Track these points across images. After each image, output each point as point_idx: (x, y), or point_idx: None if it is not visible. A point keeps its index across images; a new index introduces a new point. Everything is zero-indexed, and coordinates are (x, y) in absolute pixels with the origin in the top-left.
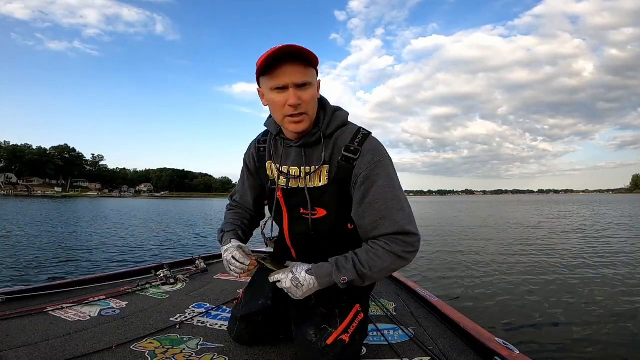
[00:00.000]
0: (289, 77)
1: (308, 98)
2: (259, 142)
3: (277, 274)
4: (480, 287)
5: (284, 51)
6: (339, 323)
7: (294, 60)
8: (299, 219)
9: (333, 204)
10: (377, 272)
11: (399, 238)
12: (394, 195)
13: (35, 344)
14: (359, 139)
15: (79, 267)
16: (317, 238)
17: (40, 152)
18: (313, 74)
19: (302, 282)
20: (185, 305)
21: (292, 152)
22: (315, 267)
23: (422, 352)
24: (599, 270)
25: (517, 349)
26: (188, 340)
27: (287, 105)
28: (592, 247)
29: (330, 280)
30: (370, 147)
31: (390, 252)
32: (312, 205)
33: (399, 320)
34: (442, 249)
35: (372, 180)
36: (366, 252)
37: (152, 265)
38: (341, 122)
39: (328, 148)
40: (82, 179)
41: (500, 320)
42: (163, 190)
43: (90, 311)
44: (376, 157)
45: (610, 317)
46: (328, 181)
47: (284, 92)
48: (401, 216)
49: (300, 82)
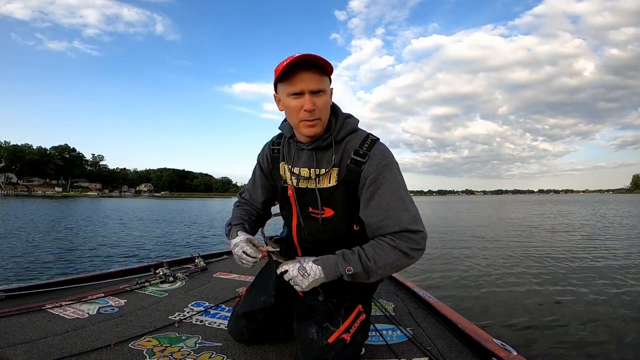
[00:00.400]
0: (305, 84)
1: (322, 104)
2: (273, 144)
3: (285, 265)
4: (478, 287)
5: (301, 59)
6: (341, 322)
7: (311, 68)
8: (307, 217)
9: (340, 205)
10: (381, 267)
11: (404, 235)
12: (399, 197)
13: (34, 342)
14: (368, 144)
15: (78, 265)
16: (323, 238)
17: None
18: (327, 81)
19: (309, 271)
20: (184, 303)
21: (303, 155)
22: (322, 257)
23: (420, 352)
24: (598, 271)
25: (514, 350)
26: (186, 338)
27: (303, 110)
28: (592, 247)
29: (337, 271)
30: (378, 152)
31: (395, 247)
32: (321, 204)
33: (397, 321)
34: (442, 249)
35: (379, 182)
36: (372, 247)
37: (152, 264)
38: (351, 129)
39: (338, 152)
40: (82, 179)
41: (498, 321)
42: (163, 190)
43: (88, 309)
44: (383, 161)
45: (610, 318)
46: (337, 182)
47: (300, 98)
48: (406, 216)
49: (316, 89)
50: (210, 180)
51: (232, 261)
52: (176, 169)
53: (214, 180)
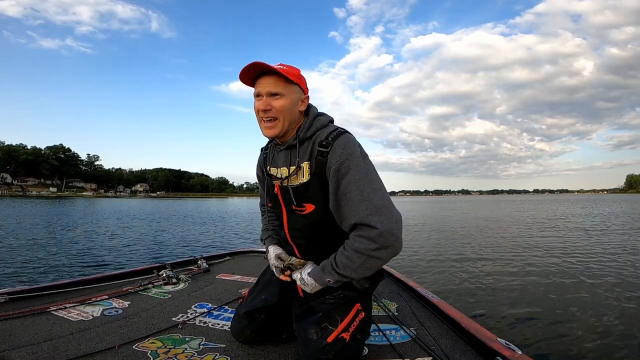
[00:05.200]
0: (263, 87)
1: (279, 106)
2: (263, 149)
3: (294, 273)
4: (481, 287)
5: (251, 66)
6: (340, 321)
7: (270, 74)
8: (294, 214)
9: (319, 198)
10: (353, 272)
11: (360, 233)
12: (359, 186)
13: (38, 344)
14: (333, 136)
15: (82, 268)
16: (312, 233)
17: (35, 152)
18: (292, 88)
19: (307, 281)
20: (187, 305)
21: (281, 155)
22: (313, 269)
23: (424, 352)
24: (603, 270)
25: (519, 350)
26: (190, 340)
27: (259, 110)
28: (595, 247)
29: (323, 281)
30: (342, 142)
31: (355, 251)
32: (300, 201)
33: (400, 321)
34: (443, 249)
35: (342, 173)
36: (341, 254)
37: (155, 265)
38: (321, 125)
39: (308, 148)
40: (77, 179)
41: (502, 320)
42: (159, 190)
43: (92, 311)
44: (346, 151)
45: (615, 318)
46: (310, 176)
47: (260, 100)
48: (363, 207)
49: (273, 92)
50: (206, 181)
51: (235, 262)
52: (172, 169)
53: (211, 181)
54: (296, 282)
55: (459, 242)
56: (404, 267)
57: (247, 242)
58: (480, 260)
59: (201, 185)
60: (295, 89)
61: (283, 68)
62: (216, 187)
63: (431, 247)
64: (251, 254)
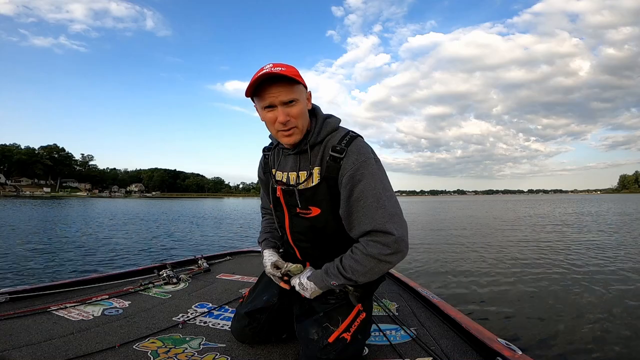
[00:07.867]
0: (275, 97)
1: (296, 113)
2: (266, 152)
3: (292, 279)
4: (482, 287)
5: (266, 76)
6: (341, 322)
7: (279, 81)
8: (297, 217)
9: (325, 202)
10: (361, 276)
11: (375, 239)
12: (375, 194)
13: (39, 344)
14: (346, 140)
15: (82, 267)
16: (314, 236)
17: (29, 152)
18: (300, 89)
19: (306, 286)
20: (188, 305)
21: (289, 159)
22: (313, 273)
23: (424, 352)
24: (604, 269)
25: (519, 350)
26: (190, 339)
27: (278, 122)
28: (597, 246)
29: (325, 285)
30: (356, 148)
31: (367, 255)
32: (306, 204)
33: (401, 321)
34: (443, 249)
35: (356, 179)
36: (349, 257)
37: (155, 265)
38: (331, 129)
39: (319, 152)
40: (71, 179)
41: (503, 321)
42: (154, 190)
43: (93, 311)
44: (361, 157)
45: (616, 318)
46: (319, 181)
47: (274, 110)
48: (380, 214)
49: (287, 100)
50: (202, 181)
51: (235, 262)
52: (167, 169)
53: (206, 181)
54: (295, 287)
55: (458, 242)
56: (404, 267)
57: (247, 242)
58: (480, 260)
59: (197, 186)
60: (301, 88)
61: (285, 70)
62: (212, 187)
63: (431, 247)
64: (251, 253)
